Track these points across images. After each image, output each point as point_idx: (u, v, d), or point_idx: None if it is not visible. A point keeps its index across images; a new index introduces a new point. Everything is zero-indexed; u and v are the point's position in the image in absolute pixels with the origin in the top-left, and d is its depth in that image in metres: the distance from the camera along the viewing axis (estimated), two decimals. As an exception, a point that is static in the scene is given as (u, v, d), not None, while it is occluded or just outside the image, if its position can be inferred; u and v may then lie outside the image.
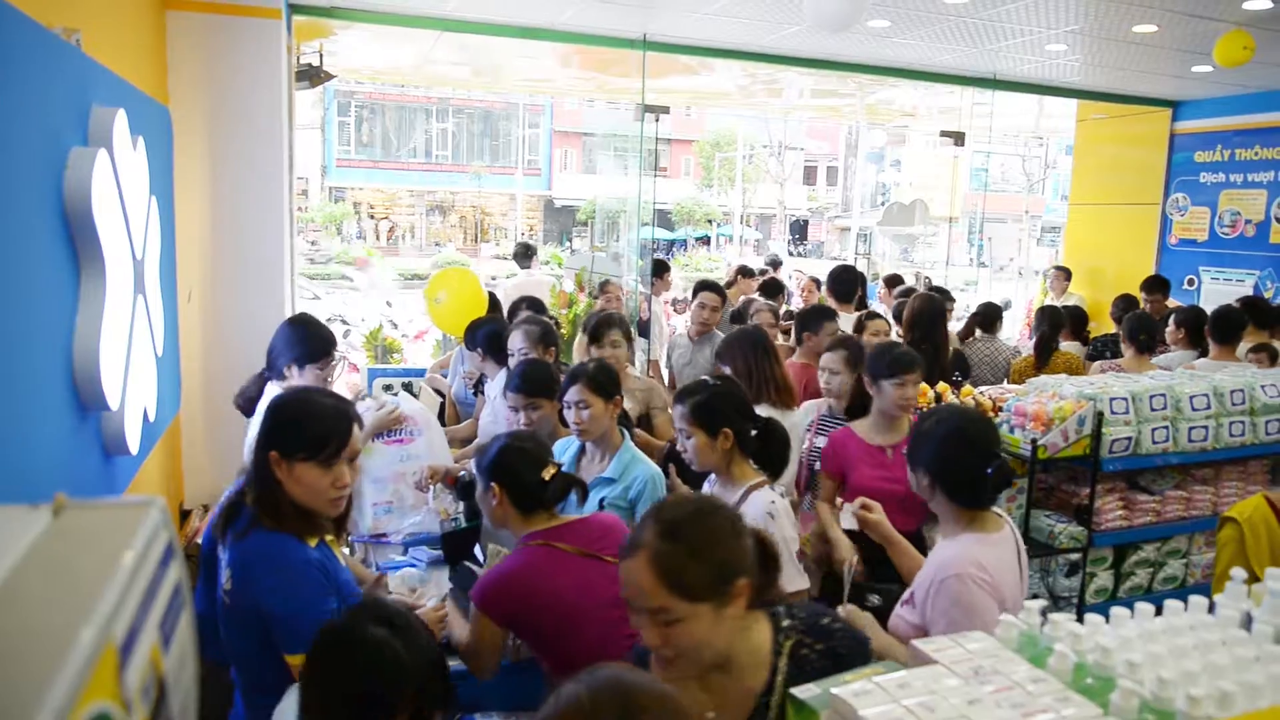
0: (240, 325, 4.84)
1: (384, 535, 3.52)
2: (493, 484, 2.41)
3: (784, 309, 7.88)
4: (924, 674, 1.15)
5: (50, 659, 0.51)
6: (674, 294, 11.49)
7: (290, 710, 1.83)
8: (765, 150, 36.94)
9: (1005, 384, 4.90)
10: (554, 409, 3.30)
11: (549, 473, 2.42)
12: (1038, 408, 3.46)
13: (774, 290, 8.03)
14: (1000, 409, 3.66)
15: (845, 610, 2.32)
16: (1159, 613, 1.37)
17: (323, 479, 2.09)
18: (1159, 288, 7.51)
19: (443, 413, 5.00)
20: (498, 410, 3.83)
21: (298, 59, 6.61)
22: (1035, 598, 3.31)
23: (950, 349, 5.48)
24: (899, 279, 8.94)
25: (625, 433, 3.20)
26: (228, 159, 4.91)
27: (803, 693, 1.15)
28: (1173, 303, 7.53)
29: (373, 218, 35.51)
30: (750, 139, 35.55)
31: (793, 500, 3.54)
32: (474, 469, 3.47)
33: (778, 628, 1.70)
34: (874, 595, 2.81)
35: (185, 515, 4.67)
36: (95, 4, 3.18)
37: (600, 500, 2.98)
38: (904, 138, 33.99)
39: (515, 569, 2.35)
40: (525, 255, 8.81)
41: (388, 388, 5.52)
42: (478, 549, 3.25)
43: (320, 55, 6.99)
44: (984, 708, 1.08)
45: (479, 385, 4.57)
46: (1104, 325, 7.80)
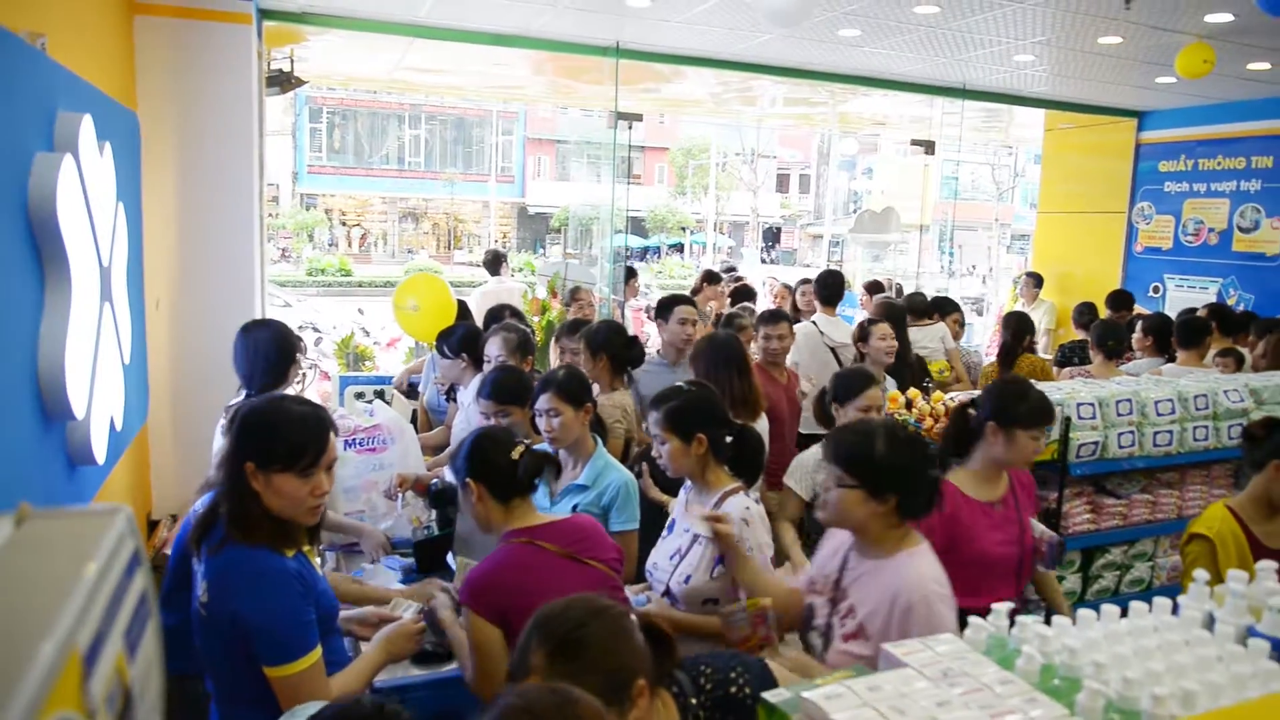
0: (209, 333, 4.79)
1: (356, 544, 3.50)
2: (469, 481, 2.37)
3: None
4: (894, 677, 1.16)
5: (13, 667, 0.50)
6: (644, 301, 11.48)
7: None
8: (738, 158, 37.11)
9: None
10: (525, 416, 3.29)
11: (517, 452, 2.39)
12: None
13: (744, 296, 8.02)
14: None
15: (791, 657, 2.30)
16: (1125, 614, 1.39)
17: (301, 488, 2.06)
18: (1124, 304, 7.55)
19: (414, 420, 4.98)
20: (471, 417, 3.81)
21: (268, 64, 6.57)
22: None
23: (911, 353, 5.52)
24: (879, 285, 9.01)
25: (598, 439, 3.20)
26: (197, 165, 4.87)
27: (774, 697, 1.16)
28: (1139, 309, 7.64)
29: (344, 225, 35.28)
30: (723, 147, 35.71)
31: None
32: (447, 477, 3.48)
33: (685, 708, 1.74)
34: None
35: (153, 526, 4.61)
36: (61, 8, 3.15)
37: (573, 507, 2.97)
38: (876, 146, 34.22)
39: (501, 564, 2.30)
40: (495, 263, 8.76)
41: (360, 395, 5.49)
42: (450, 557, 3.23)
43: (291, 61, 6.95)
44: (953, 709, 1.09)
45: (451, 392, 4.55)
46: (1070, 332, 7.89)
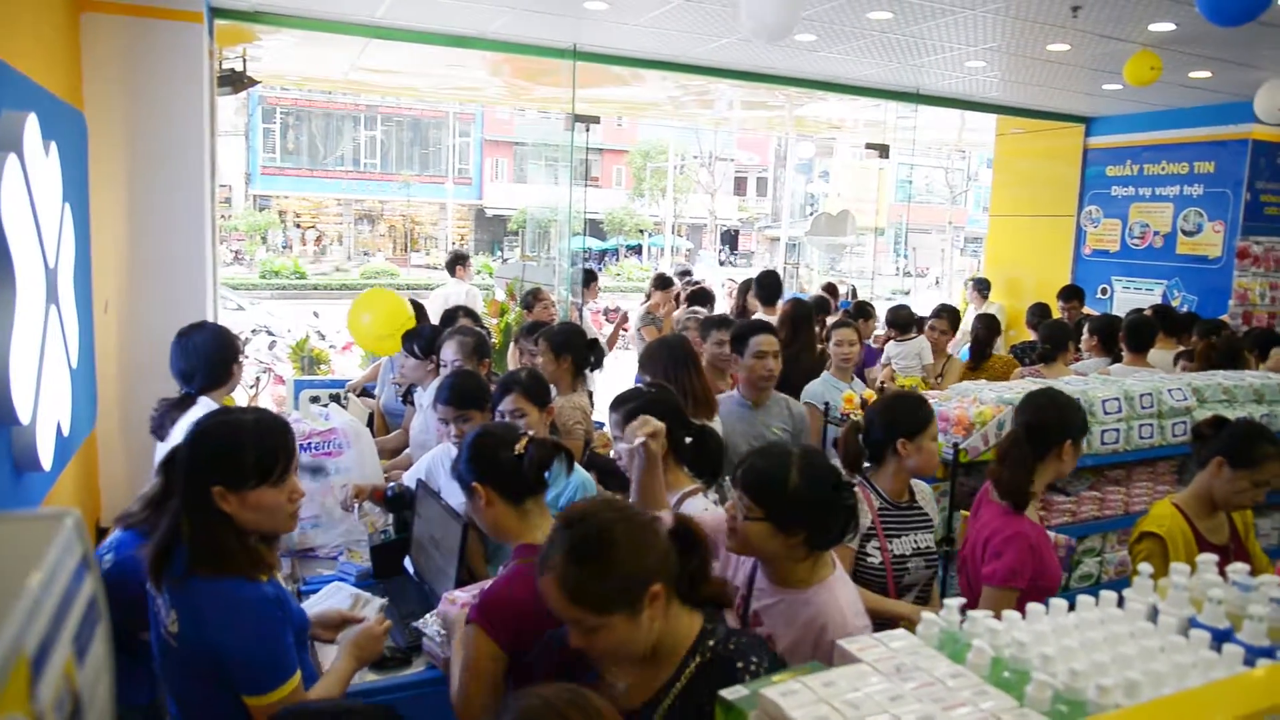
0: (160, 336, 4.66)
1: (311, 549, 3.45)
2: (474, 484, 2.24)
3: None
4: (848, 673, 1.18)
5: (-42, 673, 0.49)
6: (603, 303, 11.52)
7: None
8: (696, 161, 37.27)
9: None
10: (485, 419, 3.27)
11: (521, 444, 2.27)
12: (959, 412, 3.55)
13: (701, 300, 8.05)
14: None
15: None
16: (1073, 609, 1.42)
17: (279, 498, 2.01)
18: (1075, 295, 7.81)
19: (371, 423, 4.93)
20: (429, 419, 3.79)
21: (220, 64, 6.47)
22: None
23: (816, 350, 5.59)
24: (835, 289, 9.11)
25: (561, 447, 3.20)
26: (146, 166, 4.78)
27: (731, 694, 1.17)
28: (1087, 310, 7.81)
29: (299, 227, 34.82)
30: (681, 149, 35.84)
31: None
32: (405, 481, 3.45)
33: (702, 638, 1.74)
34: None
35: (102, 533, 4.51)
36: (4, 4, 3.08)
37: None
38: (832, 149, 34.59)
39: (519, 586, 2.09)
40: (453, 264, 8.69)
41: (315, 399, 5.42)
42: (407, 561, 3.21)
43: (244, 60, 6.86)
44: (906, 703, 1.10)
45: (408, 394, 4.51)
46: (1023, 333, 8.05)
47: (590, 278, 8.27)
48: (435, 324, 4.82)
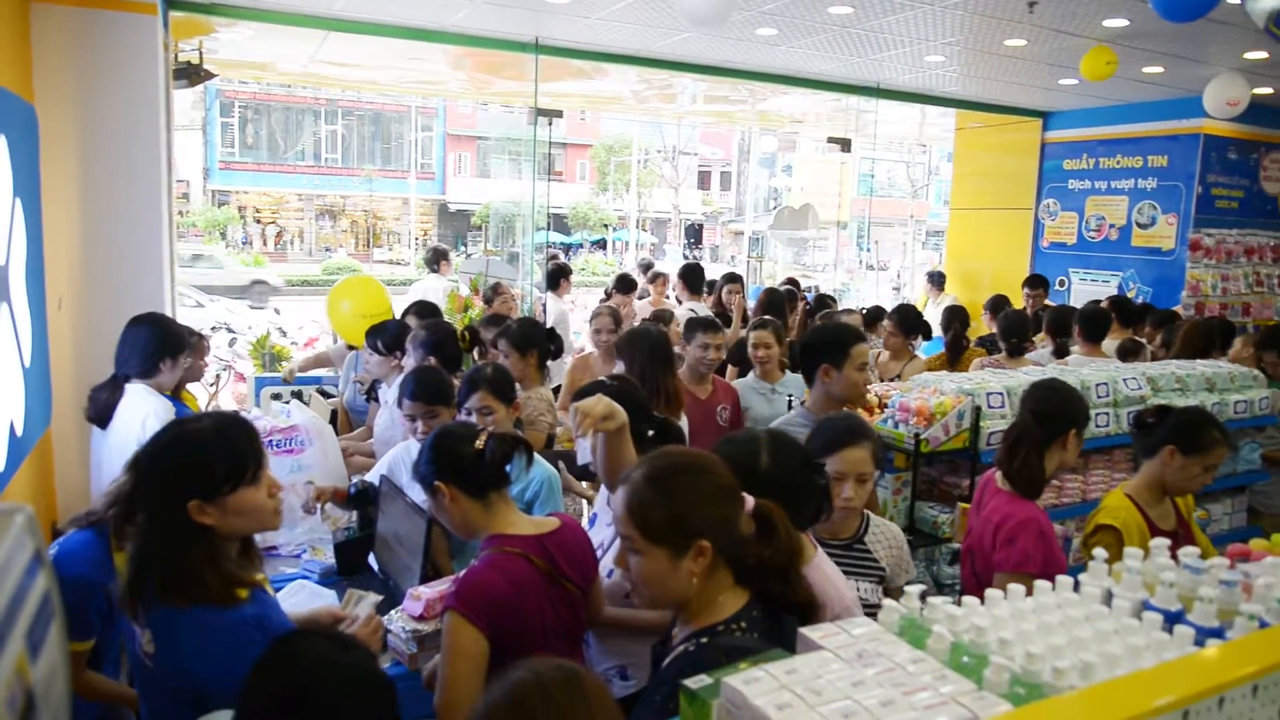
0: (116, 335, 4.61)
1: (274, 547, 3.42)
2: (438, 484, 2.25)
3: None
4: (811, 660, 1.19)
5: (-94, 674, 0.49)
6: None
7: None
8: (660, 155, 37.28)
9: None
10: (452, 416, 3.26)
11: (480, 440, 2.28)
12: (920, 403, 3.60)
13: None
14: (885, 405, 3.79)
15: None
16: (1030, 593, 1.45)
17: (259, 495, 1.95)
18: (1040, 285, 7.95)
19: (334, 421, 4.89)
20: (395, 415, 3.76)
21: (175, 56, 6.36)
22: (919, 584, 3.42)
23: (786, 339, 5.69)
24: (795, 283, 9.16)
25: (522, 441, 3.19)
26: (100, 160, 4.69)
27: (694, 683, 1.18)
28: (1048, 302, 7.93)
29: (259, 222, 34.31)
30: (645, 144, 35.82)
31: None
32: (368, 478, 3.42)
33: (717, 626, 1.71)
34: None
35: (57, 535, 4.43)
36: (-50, -6, 3.01)
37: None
38: (794, 144, 34.81)
39: (498, 573, 2.15)
40: (435, 260, 8.57)
41: (277, 397, 5.36)
42: (371, 558, 3.19)
43: (200, 53, 6.73)
44: (868, 688, 1.12)
45: (371, 391, 4.48)
46: (981, 326, 8.15)
47: (563, 272, 8.17)
48: (400, 320, 4.79)
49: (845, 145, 9.92)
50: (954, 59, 7.19)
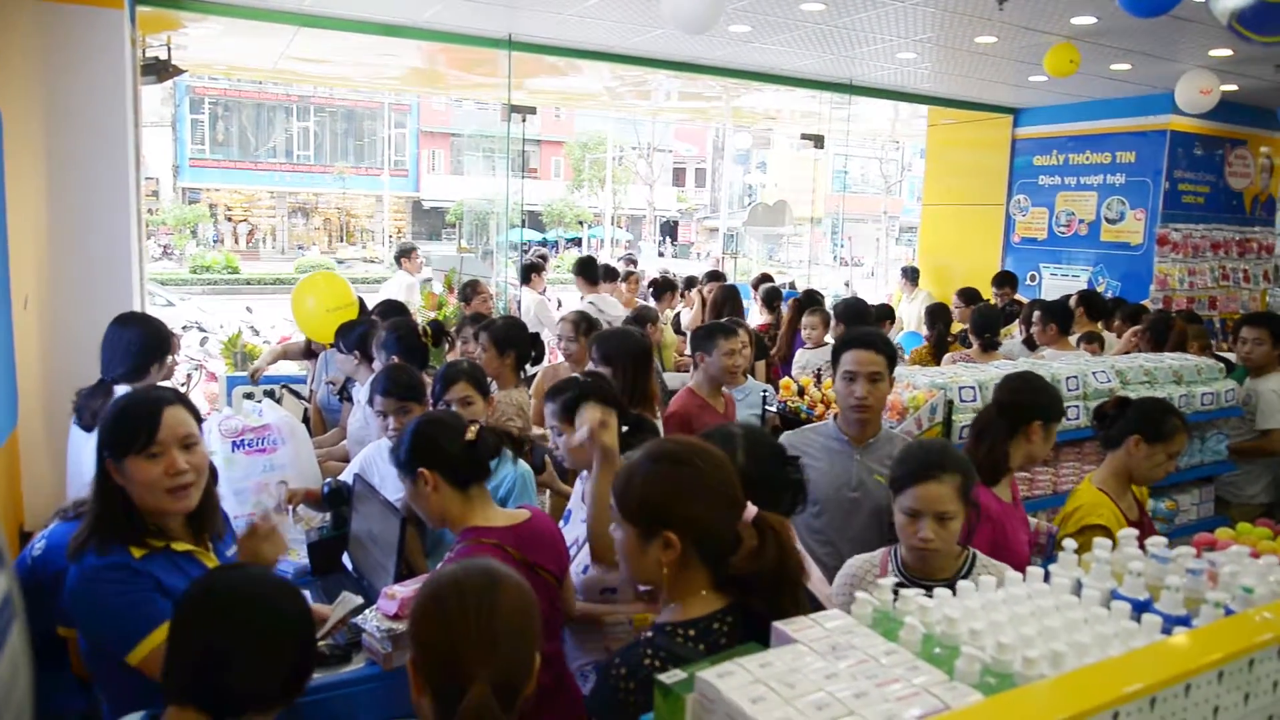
0: (84, 333, 4.53)
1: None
2: (422, 470, 2.29)
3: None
4: (784, 653, 1.20)
5: None
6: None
7: None
8: (634, 152, 37.26)
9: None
10: (424, 411, 3.24)
11: (472, 432, 2.32)
12: (893, 397, 3.62)
13: (663, 289, 7.97)
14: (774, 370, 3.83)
15: None
16: (1001, 584, 1.46)
17: (152, 469, 2.04)
18: (1007, 282, 8.02)
19: (306, 421, 4.85)
20: (367, 414, 3.74)
21: (143, 52, 6.28)
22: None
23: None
24: (768, 277, 9.18)
25: (510, 435, 3.19)
26: (66, 158, 4.61)
27: (668, 678, 1.18)
28: (1019, 297, 8.01)
29: (230, 220, 33.97)
30: (620, 141, 35.79)
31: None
32: (343, 477, 3.40)
33: (687, 624, 1.67)
34: None
35: (25, 538, 4.36)
36: (-91, -12, 2.95)
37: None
38: (769, 141, 34.92)
39: None
40: (400, 256, 8.56)
41: (249, 396, 5.31)
42: (346, 557, 3.17)
43: (168, 48, 6.66)
44: (841, 681, 1.13)
45: (343, 391, 4.45)
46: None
47: (535, 268, 8.06)
48: (369, 318, 4.76)
49: (819, 142, 9.97)
50: (925, 56, 7.24)
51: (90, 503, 2.06)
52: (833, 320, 6.03)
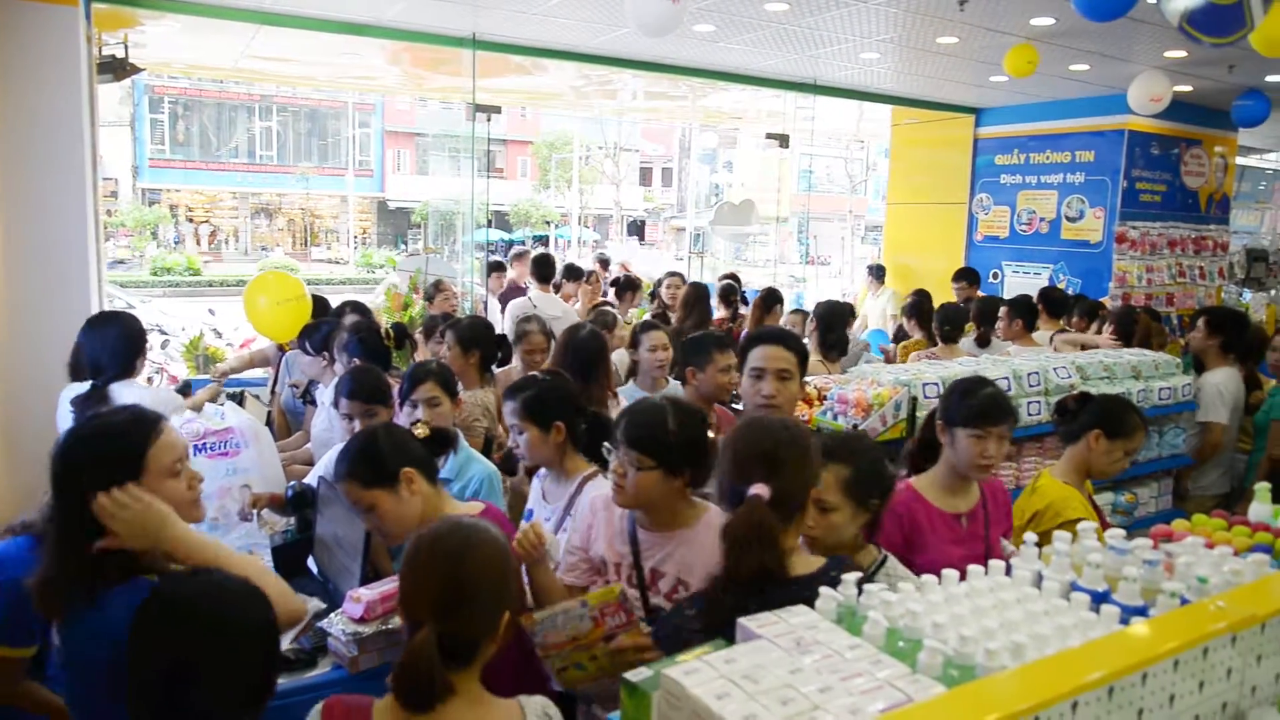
0: (40, 337, 4.47)
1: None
2: (406, 470, 2.36)
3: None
4: (749, 649, 1.20)
5: None
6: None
7: None
8: (601, 151, 37.23)
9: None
10: (390, 415, 3.23)
11: (423, 429, 2.46)
12: (858, 394, 3.65)
13: (625, 289, 7.89)
14: (824, 397, 3.84)
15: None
16: (964, 578, 1.48)
17: (179, 485, 1.95)
18: (965, 277, 8.11)
19: (270, 424, 4.79)
20: (334, 416, 3.70)
21: (99, 50, 6.17)
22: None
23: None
24: (735, 278, 9.19)
25: (458, 432, 3.17)
26: (20, 158, 4.53)
27: (634, 676, 1.18)
28: (979, 294, 8.10)
29: (191, 221, 33.48)
30: (586, 140, 35.74)
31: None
32: (309, 480, 3.36)
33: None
34: None
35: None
36: None
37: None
38: (735, 140, 35.04)
39: None
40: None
41: (212, 399, 5.23)
42: (311, 561, 3.13)
43: (125, 46, 6.55)
44: (805, 676, 1.13)
45: (306, 394, 4.40)
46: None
47: (550, 266, 7.84)
48: (334, 318, 4.72)
49: (784, 141, 10.01)
50: (888, 56, 7.30)
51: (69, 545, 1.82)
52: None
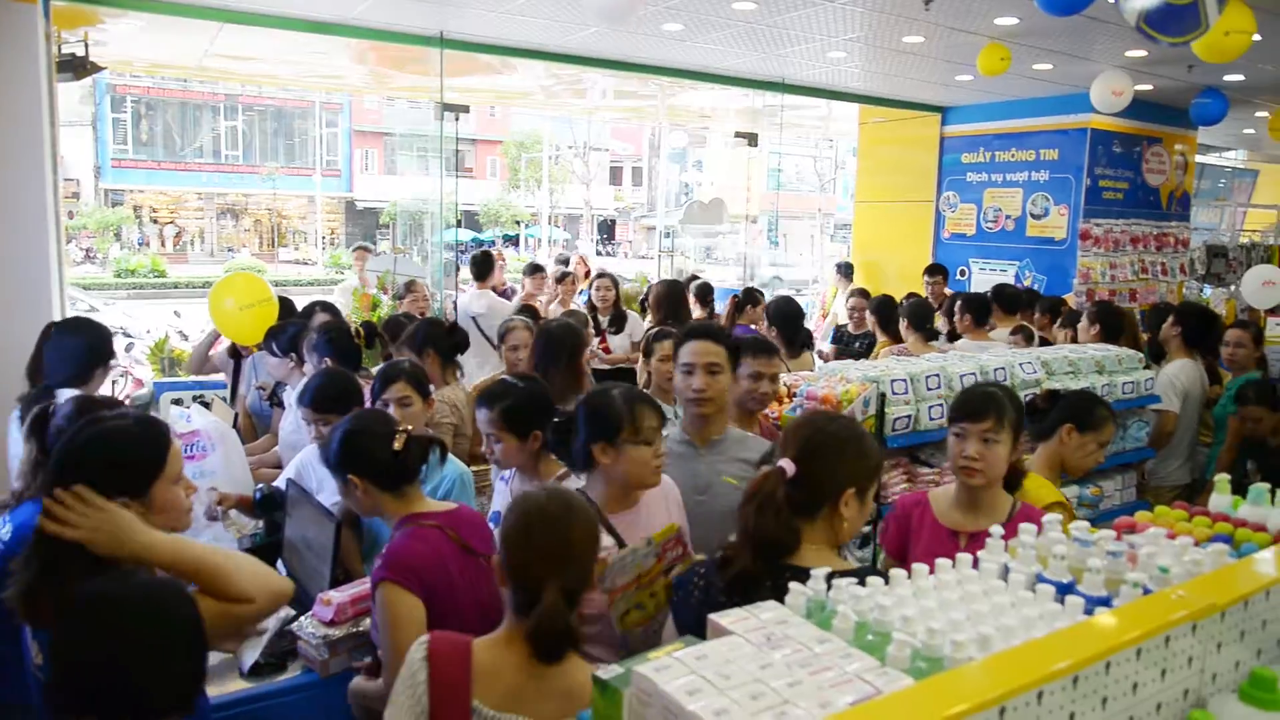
0: (2, 338, 4.39)
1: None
2: (349, 476, 2.34)
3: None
4: (720, 645, 1.21)
5: None
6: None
7: None
8: (571, 151, 37.16)
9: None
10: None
11: (399, 442, 2.35)
12: (827, 391, 3.67)
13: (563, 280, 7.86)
14: (793, 394, 3.86)
15: None
16: (932, 571, 1.49)
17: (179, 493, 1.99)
18: (939, 272, 8.21)
19: (236, 426, 4.74)
20: (299, 418, 3.66)
21: (59, 48, 6.07)
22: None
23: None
24: (696, 277, 9.20)
25: (442, 440, 3.16)
26: (-23, 157, 4.45)
27: (605, 673, 1.18)
28: (947, 290, 8.18)
29: (156, 222, 33.02)
30: (556, 140, 35.68)
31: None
32: (277, 483, 3.33)
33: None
34: None
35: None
36: None
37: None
38: (705, 139, 35.10)
39: (422, 543, 2.25)
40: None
41: (177, 402, 5.17)
42: (279, 564, 3.10)
43: (86, 44, 6.44)
44: (775, 670, 1.14)
45: (274, 396, 4.35)
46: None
47: (489, 264, 7.77)
48: (303, 321, 4.67)
49: (753, 140, 10.05)
50: (855, 55, 7.35)
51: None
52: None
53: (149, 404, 5.54)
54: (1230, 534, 1.71)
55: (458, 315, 6.62)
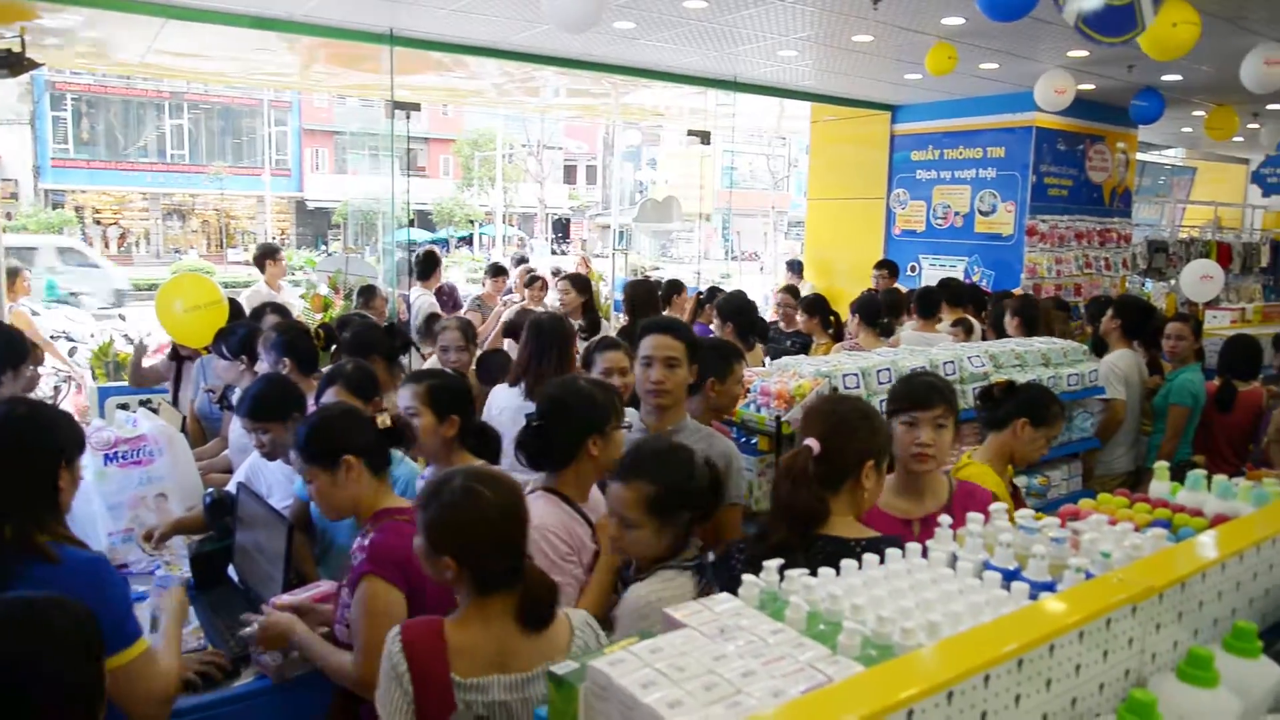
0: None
1: (125, 565, 3.23)
2: (346, 457, 2.34)
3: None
4: (675, 638, 1.22)
5: None
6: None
7: None
8: (524, 149, 36.99)
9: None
10: (285, 431, 3.12)
11: (386, 420, 2.45)
12: (780, 386, 3.71)
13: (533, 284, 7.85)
14: (748, 390, 3.89)
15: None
16: (883, 561, 1.52)
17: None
18: (886, 266, 8.34)
19: (184, 429, 4.65)
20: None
21: (-6, 45, 5.91)
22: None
23: None
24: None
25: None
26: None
27: (561, 669, 1.19)
28: (898, 286, 8.29)
29: (99, 224, 32.23)
30: (509, 138, 35.48)
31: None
32: (229, 487, 3.27)
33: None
34: None
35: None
36: None
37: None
38: (659, 137, 35.19)
39: (403, 538, 2.16)
40: (262, 258, 7.75)
41: (123, 407, 5.06)
42: (231, 570, 3.06)
43: (22, 40, 6.26)
44: (729, 661, 1.15)
45: (223, 399, 4.28)
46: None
47: (432, 264, 7.76)
48: (253, 323, 4.59)
49: (705, 138, 10.09)
50: (806, 53, 7.42)
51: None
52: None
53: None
54: (1169, 519, 1.76)
55: (411, 314, 6.57)
